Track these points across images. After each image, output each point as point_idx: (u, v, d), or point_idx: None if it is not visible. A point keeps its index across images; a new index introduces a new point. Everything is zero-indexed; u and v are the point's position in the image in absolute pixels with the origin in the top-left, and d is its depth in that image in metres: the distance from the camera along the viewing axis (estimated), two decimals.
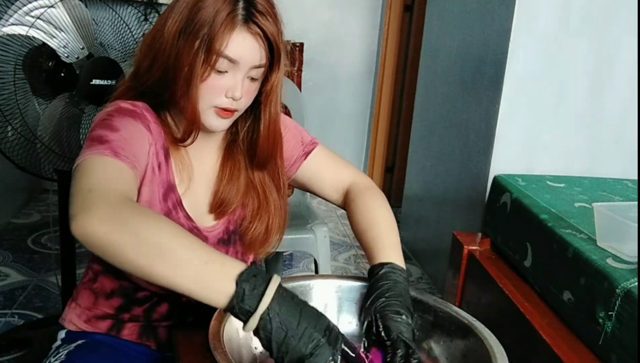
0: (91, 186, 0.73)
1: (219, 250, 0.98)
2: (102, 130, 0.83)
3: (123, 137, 0.82)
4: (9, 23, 1.41)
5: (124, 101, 0.91)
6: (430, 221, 2.63)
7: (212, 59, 0.85)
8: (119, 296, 0.98)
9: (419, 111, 2.89)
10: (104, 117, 0.86)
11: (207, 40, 0.83)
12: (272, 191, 1.02)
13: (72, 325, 1.02)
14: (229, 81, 0.87)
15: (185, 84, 0.86)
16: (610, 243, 1.27)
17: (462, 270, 1.74)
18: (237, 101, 0.89)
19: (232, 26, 0.84)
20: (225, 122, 0.92)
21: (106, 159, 0.78)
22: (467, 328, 0.83)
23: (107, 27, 1.67)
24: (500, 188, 1.78)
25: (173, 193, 0.94)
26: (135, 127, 0.86)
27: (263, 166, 1.00)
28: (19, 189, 3.04)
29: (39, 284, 2.24)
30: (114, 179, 0.76)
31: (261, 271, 0.72)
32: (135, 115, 0.88)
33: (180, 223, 0.94)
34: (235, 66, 0.86)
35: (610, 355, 1.14)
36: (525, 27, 1.86)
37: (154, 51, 0.88)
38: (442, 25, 2.59)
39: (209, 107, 0.89)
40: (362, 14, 3.59)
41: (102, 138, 0.81)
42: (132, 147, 0.83)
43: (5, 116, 1.50)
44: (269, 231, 1.02)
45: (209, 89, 0.87)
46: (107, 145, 0.79)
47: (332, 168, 1.08)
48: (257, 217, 1.01)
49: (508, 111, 1.93)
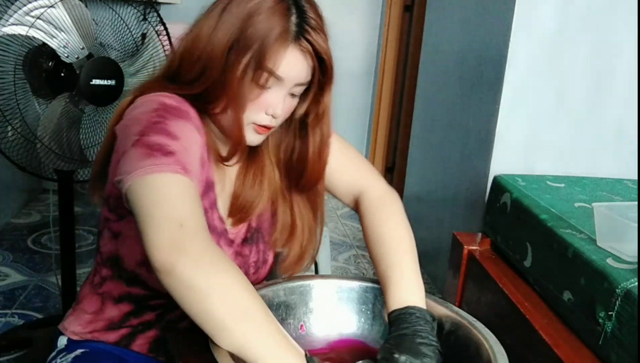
0: (181, 218, 0.67)
1: (244, 251, 0.96)
2: (161, 137, 0.75)
3: (184, 147, 0.76)
4: (9, 23, 1.41)
5: (164, 95, 0.83)
6: (430, 221, 2.63)
7: (261, 77, 0.81)
8: (129, 302, 0.93)
9: (419, 111, 2.89)
10: (155, 120, 0.77)
11: (258, 57, 0.79)
12: (307, 213, 0.98)
13: (74, 335, 0.96)
14: (272, 98, 0.84)
15: (233, 102, 0.82)
16: (610, 243, 1.27)
17: (462, 270, 1.74)
18: (276, 118, 0.86)
19: (285, 44, 0.80)
20: (260, 138, 0.89)
21: (181, 179, 0.71)
22: (467, 328, 0.83)
23: (107, 27, 1.67)
24: (500, 188, 1.78)
25: (212, 192, 0.91)
26: (190, 132, 0.80)
27: (308, 189, 0.95)
28: (19, 189, 3.04)
29: (39, 284, 2.24)
30: (198, 209, 0.70)
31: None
32: (184, 115, 0.81)
33: (214, 225, 0.91)
34: (280, 83, 0.83)
35: (610, 355, 1.14)
36: (525, 27, 1.86)
37: (202, 62, 0.82)
38: (442, 25, 2.59)
39: (247, 124, 0.86)
40: (362, 14, 3.59)
41: (164, 148, 0.73)
42: (193, 158, 0.77)
43: (5, 116, 1.50)
44: (304, 252, 0.99)
45: (251, 105, 0.84)
46: (173, 158, 0.72)
47: (346, 169, 1.01)
48: (293, 238, 0.97)
49: (508, 111, 1.93)
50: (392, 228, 0.94)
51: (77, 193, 2.12)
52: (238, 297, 0.67)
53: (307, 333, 0.93)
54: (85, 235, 2.69)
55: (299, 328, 0.93)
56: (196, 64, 0.83)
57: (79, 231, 2.65)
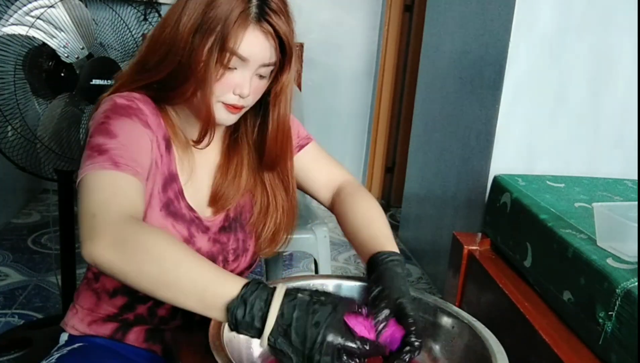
0: (94, 209, 0.73)
1: (222, 239, 0.99)
2: (101, 137, 0.82)
3: (122, 143, 0.82)
4: (9, 23, 1.41)
5: (120, 95, 0.89)
6: (430, 221, 2.63)
7: (225, 58, 0.85)
8: (122, 295, 0.97)
9: (419, 111, 2.89)
10: (101, 120, 0.85)
11: (221, 38, 0.83)
12: (280, 192, 1.02)
13: (74, 330, 1.00)
14: (238, 78, 0.87)
15: (200, 83, 0.86)
16: (610, 243, 1.27)
17: (462, 270, 1.74)
18: (245, 98, 0.89)
19: (245, 24, 0.84)
20: (232, 117, 0.92)
21: (106, 173, 0.78)
22: (467, 328, 0.83)
23: (107, 27, 1.67)
24: (500, 188, 1.78)
25: (175, 183, 0.94)
26: (133, 128, 0.86)
27: (272, 167, 1.00)
28: (19, 189, 3.04)
29: (39, 284, 2.24)
30: (116, 197, 0.76)
31: (251, 293, 0.69)
32: (131, 112, 0.87)
33: (181, 213, 0.94)
34: (245, 64, 0.87)
35: (610, 355, 1.14)
36: (525, 27, 1.86)
37: (167, 46, 0.87)
38: (442, 25, 2.59)
39: (216, 102, 0.89)
40: (362, 14, 3.59)
41: (101, 146, 0.80)
42: (132, 151, 0.82)
43: (5, 116, 1.50)
44: (278, 231, 1.02)
45: (218, 85, 0.87)
46: (107, 155, 0.79)
47: (325, 166, 1.09)
48: (267, 216, 1.01)
49: (508, 111, 1.93)
50: (375, 211, 1.01)
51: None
52: (153, 271, 0.70)
53: None
54: None
55: None
56: (161, 48, 0.88)
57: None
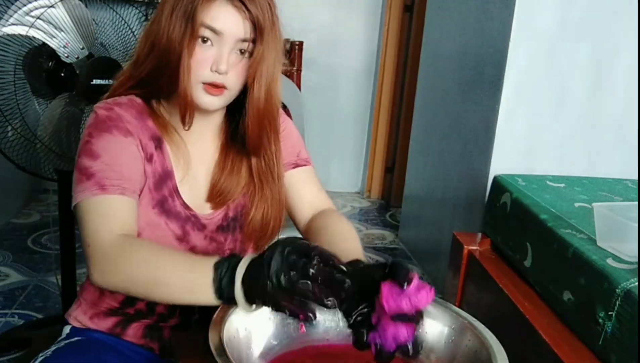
0: (88, 239, 0.83)
1: (218, 238, 1.00)
2: (86, 158, 0.87)
3: (105, 163, 0.87)
4: (9, 23, 1.41)
5: (101, 106, 0.92)
6: (430, 221, 2.63)
7: (195, 30, 0.86)
8: None
9: (419, 111, 2.89)
10: (85, 139, 0.89)
11: (191, 10, 0.85)
12: (267, 180, 1.01)
13: (76, 322, 1.02)
14: (214, 53, 0.88)
15: (176, 62, 0.87)
16: (610, 243, 1.27)
17: (462, 270, 1.74)
18: (223, 74, 0.88)
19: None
20: (215, 100, 0.91)
21: (95, 200, 0.84)
22: (467, 328, 0.83)
23: (107, 27, 1.67)
24: (500, 188, 1.78)
25: (170, 180, 0.94)
26: (114, 143, 0.89)
27: (255, 153, 0.99)
28: (19, 189, 3.05)
29: (39, 284, 2.25)
30: (105, 222, 0.83)
31: (235, 255, 0.75)
32: (110, 125, 0.89)
33: (175, 211, 0.94)
34: (220, 39, 0.87)
35: (610, 355, 1.14)
36: (525, 27, 1.86)
37: (152, 37, 0.90)
38: (442, 25, 2.59)
39: (196, 83, 0.89)
40: (362, 14, 3.59)
41: (88, 170, 0.86)
42: (116, 170, 0.87)
43: (5, 116, 1.50)
44: (266, 221, 1.01)
45: (194, 62, 0.88)
46: (93, 180, 0.85)
47: (314, 189, 1.08)
48: (254, 206, 1.01)
49: (508, 111, 1.93)
50: (354, 234, 1.00)
51: None
52: (142, 279, 0.78)
53: (307, 333, 0.93)
54: None
55: (299, 328, 0.93)
56: (147, 41, 0.91)
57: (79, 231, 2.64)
